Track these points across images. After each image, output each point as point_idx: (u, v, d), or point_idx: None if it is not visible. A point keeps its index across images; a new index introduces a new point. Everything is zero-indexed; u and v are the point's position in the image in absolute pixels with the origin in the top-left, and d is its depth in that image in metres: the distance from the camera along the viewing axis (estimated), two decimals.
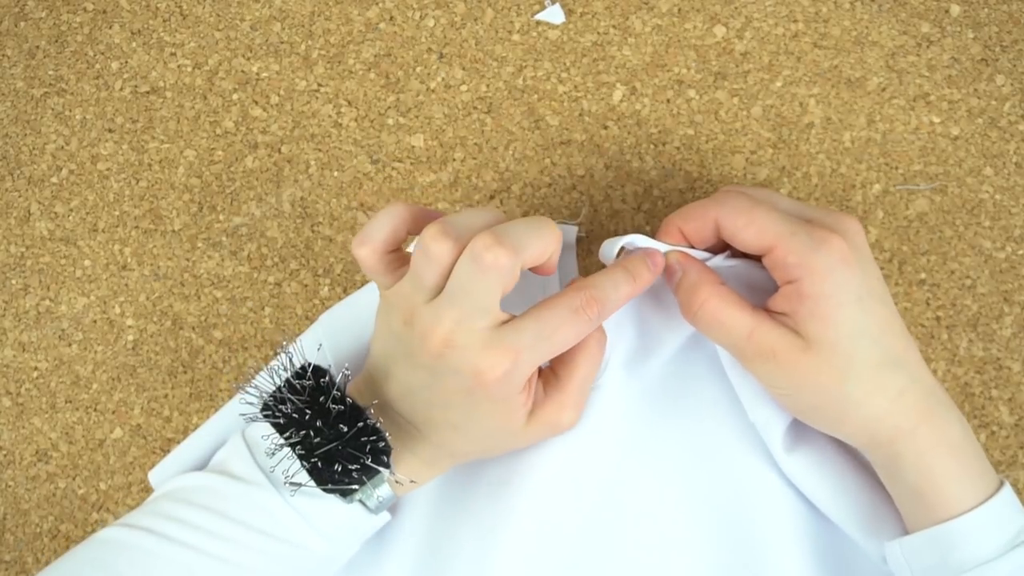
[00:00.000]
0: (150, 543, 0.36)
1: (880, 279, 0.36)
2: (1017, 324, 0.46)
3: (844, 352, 0.34)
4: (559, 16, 0.48)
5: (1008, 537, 0.34)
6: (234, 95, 0.49)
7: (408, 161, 0.49)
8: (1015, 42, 0.47)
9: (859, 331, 0.34)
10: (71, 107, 0.50)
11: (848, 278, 0.34)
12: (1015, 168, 0.47)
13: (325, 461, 0.34)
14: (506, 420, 0.36)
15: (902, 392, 0.35)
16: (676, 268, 0.38)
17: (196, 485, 0.38)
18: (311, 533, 0.36)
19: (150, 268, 0.49)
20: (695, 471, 0.43)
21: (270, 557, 0.36)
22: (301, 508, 0.36)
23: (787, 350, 0.35)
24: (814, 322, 0.34)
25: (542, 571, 0.42)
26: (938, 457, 0.35)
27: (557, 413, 0.37)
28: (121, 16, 0.50)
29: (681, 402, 0.43)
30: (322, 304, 0.48)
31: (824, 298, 0.34)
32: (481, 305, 0.34)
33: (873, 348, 0.35)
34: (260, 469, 0.37)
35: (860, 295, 0.34)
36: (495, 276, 0.33)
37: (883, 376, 0.35)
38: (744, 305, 0.36)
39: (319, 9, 0.49)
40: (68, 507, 0.49)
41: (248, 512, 0.36)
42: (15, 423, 0.49)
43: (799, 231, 0.35)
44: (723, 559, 0.42)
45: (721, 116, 0.48)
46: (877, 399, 0.35)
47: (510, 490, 0.42)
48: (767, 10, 0.48)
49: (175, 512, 0.37)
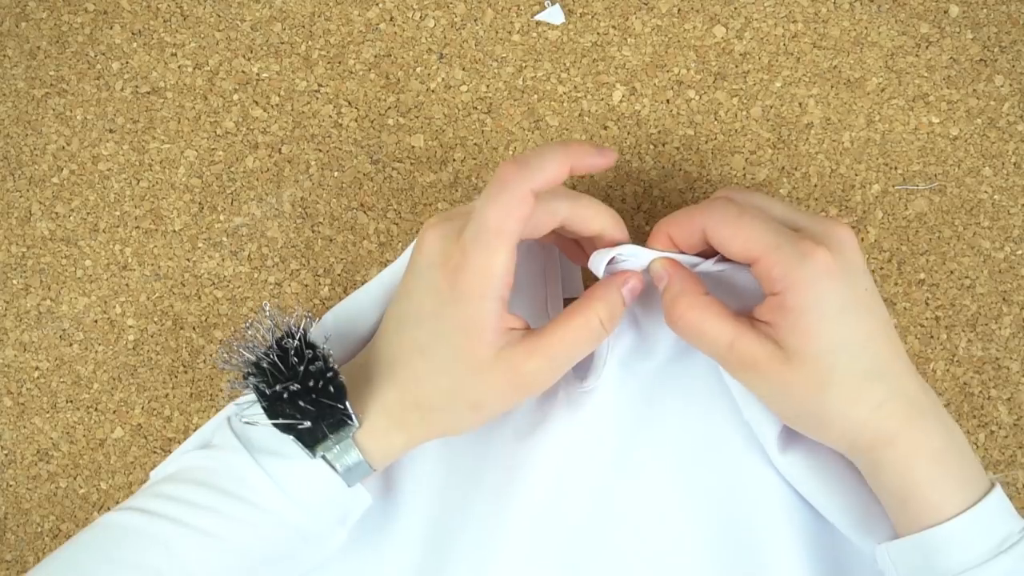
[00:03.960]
0: (137, 522, 0.36)
1: (869, 289, 0.36)
2: (1016, 324, 0.46)
3: (824, 364, 0.34)
4: (559, 17, 0.48)
5: (994, 542, 0.34)
6: (235, 95, 0.49)
7: (408, 161, 0.49)
8: (1014, 43, 0.47)
9: (840, 344, 0.34)
10: (72, 107, 0.50)
11: (831, 291, 0.34)
12: (1014, 168, 0.47)
13: (281, 400, 0.35)
14: (471, 342, 0.35)
15: (882, 403, 0.35)
16: (663, 275, 0.38)
17: (186, 465, 0.39)
18: (282, 497, 0.36)
19: (151, 268, 0.49)
20: (693, 470, 0.43)
21: (248, 527, 0.36)
22: (270, 469, 0.37)
23: (768, 361, 0.35)
24: (795, 335, 0.35)
25: (542, 571, 0.42)
26: (918, 466, 0.35)
27: (525, 358, 0.36)
28: (122, 17, 0.50)
29: (679, 401, 0.43)
30: (322, 304, 0.48)
31: (805, 311, 0.34)
32: (479, 215, 0.34)
33: (854, 361, 0.35)
34: (235, 435, 0.38)
35: (843, 308, 0.34)
36: (498, 186, 0.34)
37: (864, 387, 0.35)
38: (726, 315, 0.36)
39: (319, 10, 0.49)
40: (69, 506, 0.49)
41: (223, 478, 0.37)
42: (16, 423, 0.49)
43: (784, 243, 0.35)
44: (721, 557, 0.42)
45: (720, 116, 0.48)
46: (857, 409, 0.35)
47: (509, 491, 0.42)
48: (766, 11, 0.48)
49: (164, 490, 0.38)
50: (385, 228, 0.49)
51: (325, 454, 0.37)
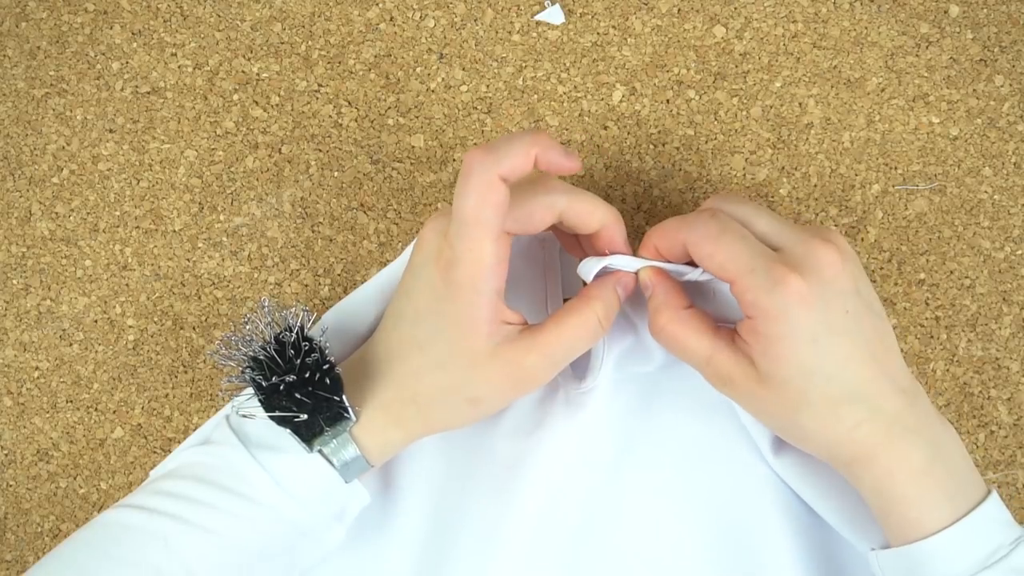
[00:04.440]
0: (136, 519, 0.36)
1: (851, 310, 0.35)
2: (1016, 324, 0.46)
3: (796, 389, 0.34)
4: (559, 17, 0.48)
5: (983, 555, 0.34)
6: (234, 95, 0.49)
7: (408, 161, 0.49)
8: (1014, 43, 0.47)
9: (813, 370, 0.34)
10: (72, 107, 0.50)
11: (803, 319, 0.34)
12: (1014, 168, 0.47)
13: (278, 392, 0.36)
14: (467, 335, 0.36)
15: (859, 424, 0.35)
16: (648, 286, 0.38)
17: (184, 461, 0.39)
18: (278, 492, 0.36)
19: (151, 268, 0.49)
20: (691, 470, 0.43)
21: (245, 522, 0.36)
22: (267, 464, 0.37)
23: (743, 379, 0.35)
24: (767, 360, 0.34)
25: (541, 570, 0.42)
26: (897, 484, 0.35)
27: (523, 353, 0.36)
28: (122, 17, 0.50)
29: (677, 404, 0.43)
30: (322, 304, 0.48)
31: (777, 340, 0.34)
32: (455, 208, 0.35)
33: (828, 385, 0.34)
34: (233, 431, 0.38)
35: (816, 336, 0.34)
36: (466, 175, 0.34)
37: (839, 410, 0.34)
38: (705, 329, 0.36)
39: (319, 10, 0.49)
40: (69, 506, 0.49)
41: (220, 474, 0.37)
42: (16, 423, 0.49)
43: (759, 268, 0.34)
44: (720, 557, 0.42)
45: (720, 116, 0.48)
46: (832, 430, 0.35)
47: (509, 491, 0.42)
48: (766, 11, 0.48)
49: (162, 486, 0.38)
50: (385, 228, 0.49)
51: (322, 448, 0.37)
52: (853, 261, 0.36)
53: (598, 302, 0.37)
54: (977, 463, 0.46)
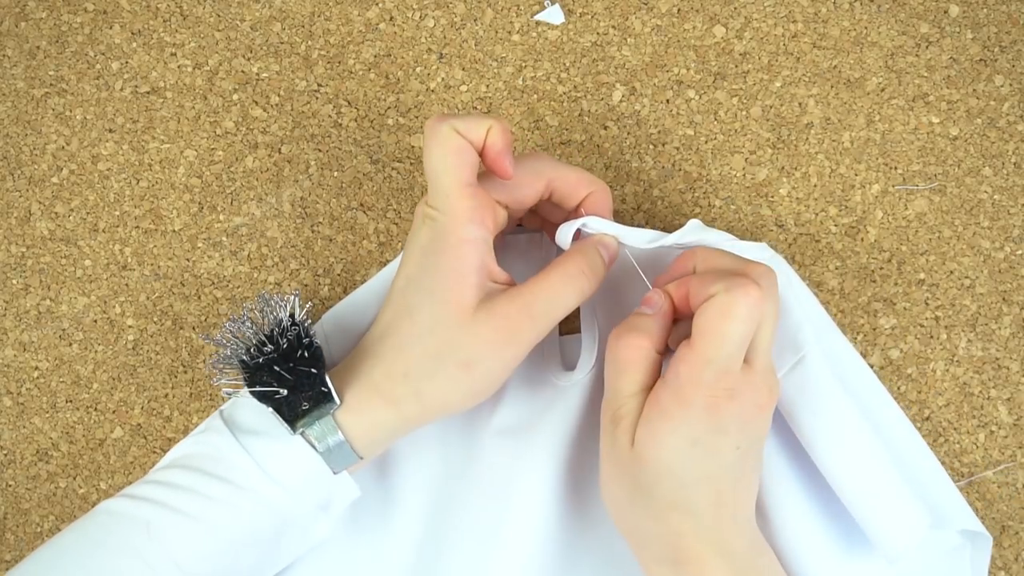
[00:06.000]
0: (122, 506, 0.37)
1: (740, 447, 0.35)
2: (1016, 324, 0.46)
3: (645, 483, 0.35)
4: (559, 16, 0.48)
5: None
6: (234, 95, 0.49)
7: (408, 161, 0.49)
8: (1014, 42, 0.47)
9: (668, 471, 0.35)
10: (72, 107, 0.50)
11: (701, 422, 0.34)
12: (1014, 168, 0.47)
13: (260, 369, 0.36)
14: (453, 289, 0.37)
15: (681, 534, 0.35)
16: (653, 304, 0.39)
17: (177, 453, 0.39)
18: (261, 476, 0.36)
19: (150, 268, 0.49)
20: None
21: (228, 507, 0.36)
22: (251, 448, 0.37)
23: (625, 434, 0.36)
24: (639, 442, 0.35)
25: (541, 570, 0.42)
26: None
27: (507, 303, 0.37)
28: (121, 16, 0.50)
29: None
30: (322, 304, 0.48)
31: (648, 431, 0.35)
32: (425, 170, 0.37)
33: (677, 491, 0.35)
34: (223, 420, 0.38)
35: (697, 441, 0.35)
36: (426, 135, 0.37)
37: (668, 514, 0.35)
38: (649, 373, 0.37)
39: (319, 9, 0.49)
40: (69, 506, 0.49)
41: (205, 461, 0.37)
42: (16, 423, 0.49)
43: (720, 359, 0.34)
44: None
45: (720, 116, 0.48)
46: (655, 528, 0.36)
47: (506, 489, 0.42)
48: (766, 10, 0.48)
49: (151, 476, 0.38)
50: (385, 228, 0.49)
51: (305, 430, 0.37)
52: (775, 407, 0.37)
53: (579, 255, 0.39)
54: (977, 463, 0.46)
